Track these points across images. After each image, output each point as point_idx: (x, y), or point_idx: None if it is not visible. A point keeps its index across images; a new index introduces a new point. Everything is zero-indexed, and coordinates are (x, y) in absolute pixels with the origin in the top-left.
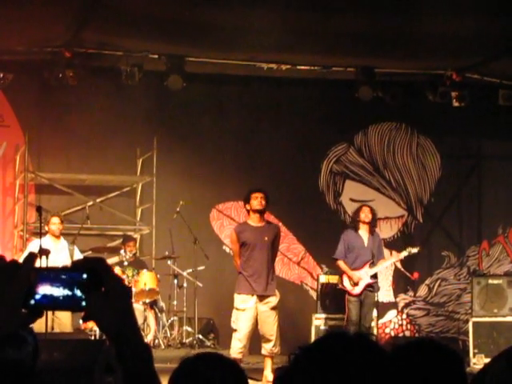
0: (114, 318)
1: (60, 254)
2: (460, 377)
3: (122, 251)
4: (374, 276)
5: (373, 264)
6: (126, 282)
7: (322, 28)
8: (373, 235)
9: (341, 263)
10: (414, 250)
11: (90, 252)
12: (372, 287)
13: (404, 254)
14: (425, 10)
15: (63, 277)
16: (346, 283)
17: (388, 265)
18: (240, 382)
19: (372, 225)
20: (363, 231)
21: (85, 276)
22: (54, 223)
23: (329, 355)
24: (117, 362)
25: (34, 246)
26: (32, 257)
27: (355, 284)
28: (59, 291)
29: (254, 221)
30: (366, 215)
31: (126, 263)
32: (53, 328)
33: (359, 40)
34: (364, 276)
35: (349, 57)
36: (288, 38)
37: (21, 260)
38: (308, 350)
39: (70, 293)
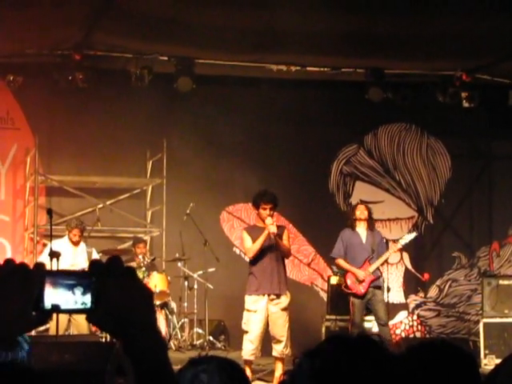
0: (122, 315)
1: (79, 257)
2: (474, 378)
3: (140, 256)
4: (376, 272)
5: (373, 260)
6: None
7: (332, 29)
8: (372, 231)
9: (341, 261)
10: (410, 236)
11: (100, 254)
12: (378, 282)
13: (401, 242)
14: (435, 11)
15: (72, 280)
16: (350, 282)
17: (387, 258)
18: (241, 381)
19: (370, 222)
20: (361, 229)
21: (94, 279)
22: (75, 234)
23: (330, 359)
24: (127, 359)
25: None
26: (42, 264)
27: (360, 282)
28: (69, 294)
29: (262, 223)
30: (361, 212)
31: (143, 268)
32: (67, 329)
33: (369, 41)
34: (366, 273)
35: (358, 58)
36: (297, 40)
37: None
38: (310, 355)
39: (79, 296)
